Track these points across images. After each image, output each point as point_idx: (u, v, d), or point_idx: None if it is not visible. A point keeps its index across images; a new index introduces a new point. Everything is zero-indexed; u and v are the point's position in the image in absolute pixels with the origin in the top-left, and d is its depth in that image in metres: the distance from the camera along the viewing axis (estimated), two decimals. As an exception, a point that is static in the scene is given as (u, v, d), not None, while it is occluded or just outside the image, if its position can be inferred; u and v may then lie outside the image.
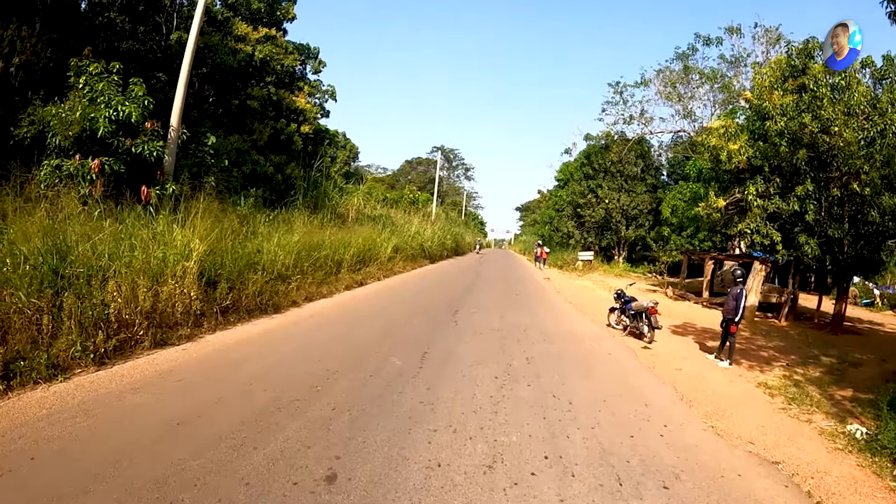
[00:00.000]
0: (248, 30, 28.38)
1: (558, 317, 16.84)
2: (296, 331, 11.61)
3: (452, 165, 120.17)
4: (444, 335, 12.23)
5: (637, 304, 14.55)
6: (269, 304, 13.20)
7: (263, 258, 14.57)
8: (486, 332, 12.97)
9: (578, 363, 10.68)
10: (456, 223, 68.44)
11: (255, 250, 14.61)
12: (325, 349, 10.09)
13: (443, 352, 10.57)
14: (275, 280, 14.41)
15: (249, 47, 27.81)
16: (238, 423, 6.26)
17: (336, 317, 13.67)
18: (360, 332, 11.81)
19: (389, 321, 13.45)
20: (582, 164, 49.99)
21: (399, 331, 12.32)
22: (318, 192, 27.17)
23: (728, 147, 19.36)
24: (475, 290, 21.90)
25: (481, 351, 10.92)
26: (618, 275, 39.45)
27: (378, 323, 13.11)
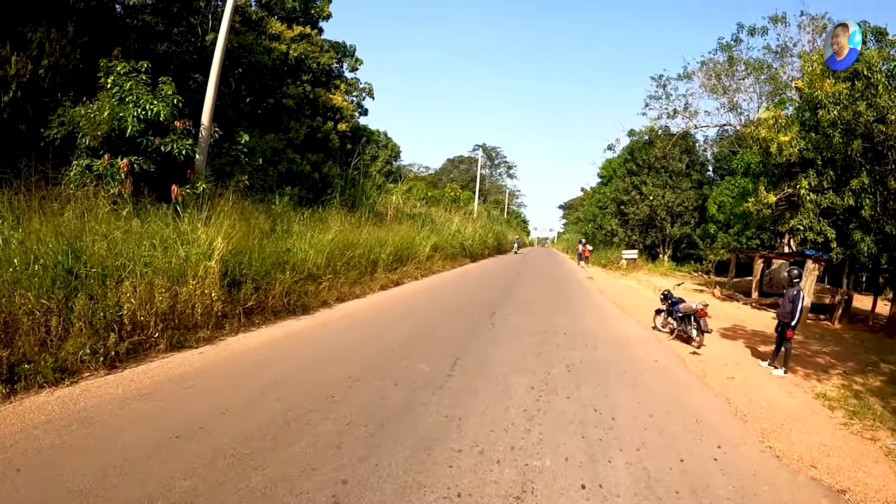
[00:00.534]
0: (283, 28, 28.02)
1: (602, 319, 16.03)
2: (322, 333, 11.10)
3: (494, 164, 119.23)
4: (479, 339, 11.55)
5: (685, 305, 13.61)
6: (297, 305, 12.79)
7: (293, 257, 14.12)
8: (525, 336, 12.25)
9: (623, 372, 9.87)
10: (498, 221, 67.71)
11: (284, 249, 14.14)
12: (350, 353, 9.54)
13: (476, 358, 9.89)
14: (305, 280, 13.95)
15: (284, 46, 27.43)
16: (241, 437, 5.73)
17: (366, 318, 13.13)
18: (390, 335, 11.24)
19: (422, 323, 12.89)
20: (625, 161, 48.63)
21: (432, 334, 11.73)
22: (356, 190, 26.70)
23: (778, 139, 18.32)
24: (515, 290, 21.19)
25: (518, 357, 10.21)
26: (663, 274, 38.24)
27: (410, 325, 12.54)
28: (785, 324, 11.22)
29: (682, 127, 39.58)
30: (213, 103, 15.97)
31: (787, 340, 11.21)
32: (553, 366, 9.81)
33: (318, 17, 30.14)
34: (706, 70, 36.65)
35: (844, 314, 20.03)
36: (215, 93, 16.05)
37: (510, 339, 11.72)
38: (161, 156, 14.00)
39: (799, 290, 11.29)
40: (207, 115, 15.81)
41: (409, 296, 17.40)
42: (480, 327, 12.83)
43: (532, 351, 10.81)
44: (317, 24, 30.95)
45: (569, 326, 13.84)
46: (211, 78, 16.03)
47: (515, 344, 11.33)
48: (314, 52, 28.42)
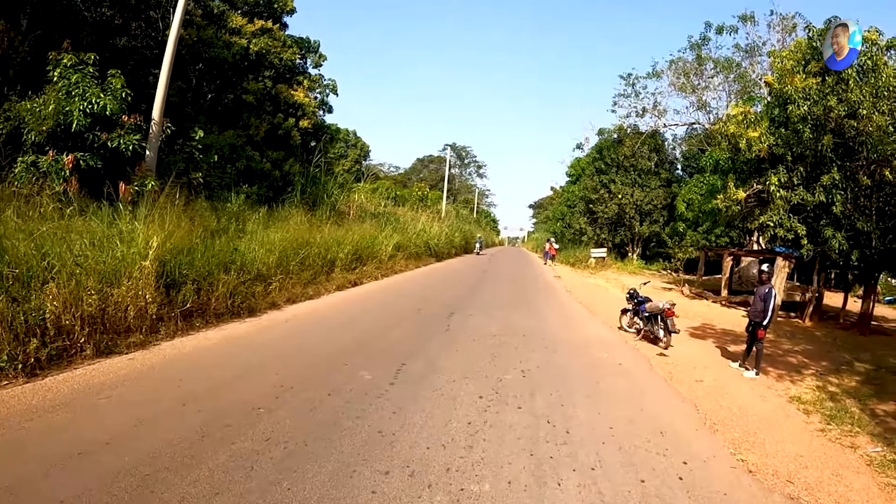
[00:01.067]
0: (243, 22, 27.10)
1: (566, 319, 15.34)
2: (263, 338, 10.18)
3: (464, 163, 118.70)
4: (432, 343, 10.72)
5: (652, 305, 12.97)
6: (242, 307, 11.90)
7: (241, 257, 13.30)
8: (482, 338, 11.47)
9: (583, 377, 9.13)
10: (466, 221, 66.85)
11: (231, 249, 13.29)
12: (287, 360, 8.67)
13: (424, 363, 9.05)
14: (253, 281, 13.10)
15: (244, 40, 26.52)
16: (149, 454, 4.99)
17: (314, 321, 12.26)
18: (335, 339, 10.39)
19: (374, 326, 12.04)
20: (594, 159, 48.09)
21: (381, 337, 10.90)
22: (318, 188, 25.81)
23: (748, 135, 17.81)
24: (478, 290, 20.43)
25: (470, 362, 9.38)
26: (632, 272, 37.86)
27: (360, 328, 11.68)
28: (756, 323, 10.66)
29: (650, 125, 39.26)
30: (164, 98, 15.53)
31: (758, 340, 10.66)
32: (507, 371, 9.02)
33: (282, 11, 29.22)
34: (675, 69, 36.38)
35: (815, 311, 19.62)
36: (167, 87, 15.62)
37: (465, 342, 10.93)
38: (108, 152, 13.44)
39: (770, 287, 10.76)
40: (158, 110, 15.34)
41: (364, 297, 16.51)
42: (435, 330, 12.02)
43: (487, 354, 10.03)
44: (280, 19, 30.06)
45: (530, 328, 13.10)
46: (162, 72, 15.56)
47: (470, 347, 10.54)
48: (276, 47, 27.54)
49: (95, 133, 13.19)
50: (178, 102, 24.19)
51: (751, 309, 11.07)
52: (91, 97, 13.09)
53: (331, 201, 25.29)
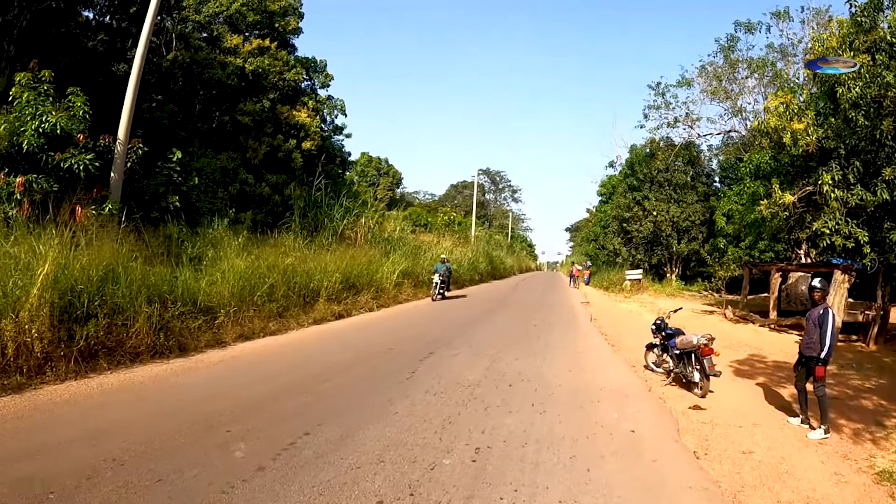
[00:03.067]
0: (238, 41, 25.36)
1: (578, 358, 12.12)
2: (159, 387, 7.94)
3: (499, 188, 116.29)
4: (377, 397, 7.95)
5: (683, 339, 9.68)
6: (170, 345, 9.80)
7: (183, 287, 11.25)
8: (450, 389, 8.56)
9: (570, 461, 5.93)
10: (498, 246, 63.95)
11: (171, 278, 11.30)
12: (171, 418, 6.51)
13: (338, 433, 6.25)
14: (195, 314, 11.03)
15: (240, 60, 24.74)
16: None
17: (251, 363, 9.80)
18: (252, 389, 7.98)
19: (319, 371, 9.41)
20: (626, 175, 44.63)
21: (313, 388, 8.25)
22: (321, 212, 23.54)
23: (791, 127, 14.81)
24: (484, 321, 17.49)
25: (408, 432, 6.48)
26: (670, 294, 34.19)
27: (298, 374, 9.20)
28: (812, 358, 7.58)
29: (683, 137, 35.99)
30: (129, 118, 14.35)
31: (819, 382, 7.49)
32: (453, 450, 6.01)
33: (283, 31, 27.38)
34: (706, 75, 33.28)
35: (881, 333, 16.15)
36: (132, 107, 14.45)
37: (423, 396, 8.07)
38: (64, 173, 12.44)
39: (826, 308, 7.63)
40: (124, 130, 14.17)
41: (336, 333, 13.79)
42: (395, 377, 9.22)
43: (441, 418, 7.10)
44: (286, 41, 28.29)
45: (524, 372, 10.11)
46: (128, 91, 14.49)
47: (425, 405, 7.66)
48: (276, 67, 25.59)
49: (49, 154, 12.27)
50: (170, 125, 22.47)
51: (804, 339, 7.95)
52: (43, 115, 12.19)
53: (332, 226, 22.94)
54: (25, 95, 12.31)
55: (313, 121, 26.00)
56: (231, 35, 25.80)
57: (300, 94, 27.34)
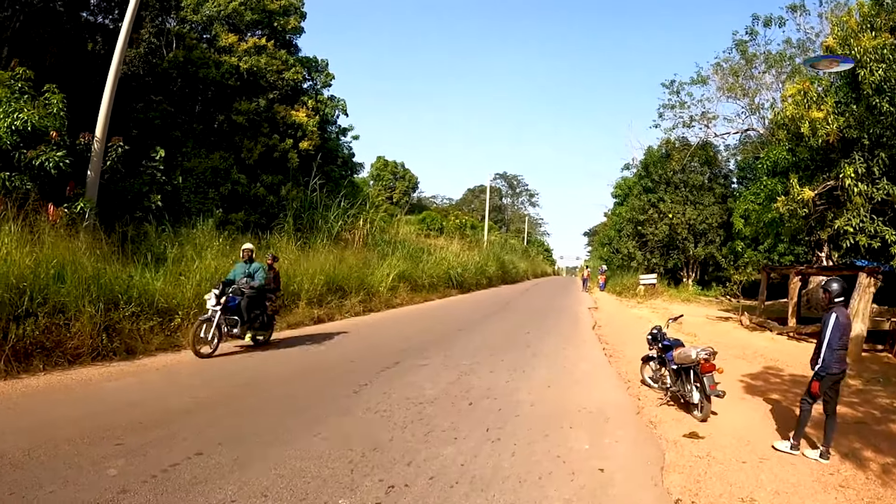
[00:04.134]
0: (234, 39, 24.48)
1: (564, 372, 10.76)
2: (95, 389, 7.51)
3: (516, 192, 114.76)
4: (306, 413, 6.85)
5: (681, 353, 8.27)
6: (117, 347, 9.27)
7: (140, 287, 10.70)
8: (397, 407, 7.35)
9: None
10: (513, 250, 62.59)
11: (125, 276, 10.75)
12: (71, 426, 5.90)
13: (235, 455, 5.25)
14: (150, 315, 10.42)
15: (235, 59, 23.88)
16: None
17: (193, 371, 8.98)
18: (179, 399, 7.21)
19: (258, 381, 8.46)
20: (640, 177, 42.96)
21: (241, 400, 7.33)
22: (316, 214, 22.58)
23: (810, 116, 13.47)
24: (474, 327, 16.21)
25: (317, 459, 5.34)
26: (685, 300, 32.45)
27: (235, 384, 8.31)
28: (820, 374, 6.39)
29: (700, 136, 34.51)
30: (107, 113, 13.93)
31: (805, 398, 6.52)
32: (360, 486, 4.79)
33: (283, 30, 26.47)
34: (721, 72, 31.83)
35: (910, 342, 14.72)
36: (110, 104, 14.03)
37: (361, 414, 6.97)
38: (37, 171, 12.09)
39: (833, 313, 6.44)
40: (101, 127, 13.76)
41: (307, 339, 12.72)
42: (341, 389, 8.16)
43: (368, 442, 5.90)
44: (287, 40, 27.41)
45: (494, 387, 8.83)
46: (106, 88, 14.14)
47: (358, 425, 6.55)
48: (274, 66, 24.64)
49: (22, 151, 11.90)
50: (163, 125, 21.66)
51: None
52: (15, 113, 11.86)
53: (327, 227, 21.94)
54: (2, 93, 12.05)
55: (311, 120, 24.92)
56: (227, 34, 24.90)
57: (300, 94, 26.38)
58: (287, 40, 27.60)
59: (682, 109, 34.25)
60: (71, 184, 12.64)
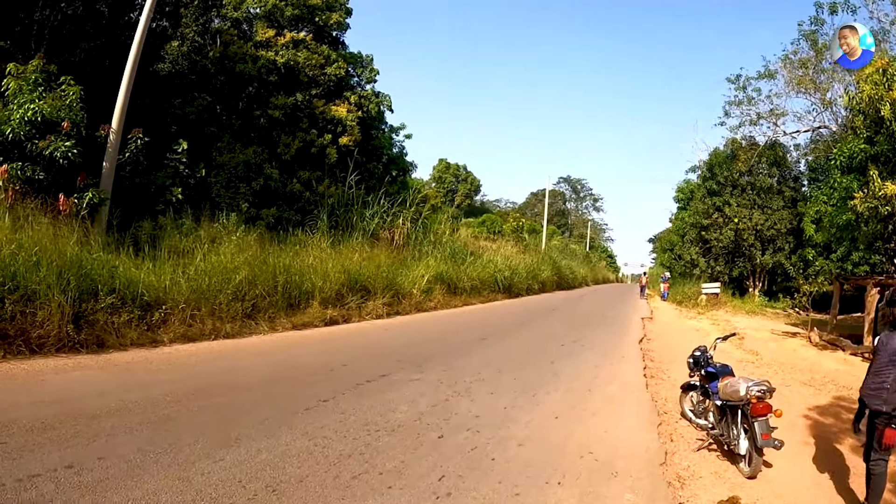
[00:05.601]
0: (271, 34, 23.79)
1: (586, 396, 8.77)
2: (35, 382, 6.77)
3: (580, 196, 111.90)
4: (216, 436, 5.48)
5: (728, 386, 6.33)
6: (81, 339, 8.49)
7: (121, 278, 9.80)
8: (341, 436, 5.81)
9: None
10: (573, 255, 60.36)
11: (109, 266, 9.90)
12: None
13: (93, 477, 4.08)
14: (132, 308, 9.56)
15: (272, 53, 23.22)
16: None
17: (151, 370, 8.01)
18: (104, 401, 6.23)
19: (205, 390, 7.14)
20: (704, 179, 40.05)
21: (160, 413, 5.96)
22: (354, 211, 21.52)
23: (892, 97, 11.44)
24: (501, 336, 14.45)
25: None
26: (750, 312, 29.72)
27: (178, 389, 6.90)
28: (879, 413, 4.73)
29: (768, 135, 31.91)
30: (124, 104, 13.55)
31: (883, 452, 4.71)
32: None
33: (325, 25, 25.56)
34: (790, 65, 29.22)
35: None
36: (127, 95, 13.64)
37: (287, 442, 5.49)
38: (49, 161, 12.00)
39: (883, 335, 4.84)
40: (117, 118, 13.40)
41: (303, 342, 11.55)
42: (293, 406, 6.73)
43: (260, 484, 4.51)
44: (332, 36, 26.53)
45: (484, 415, 7.07)
46: (123, 79, 13.74)
47: (270, 457, 5.05)
48: (313, 61, 23.75)
49: (34, 142, 11.86)
50: (198, 120, 21.14)
51: (868, 380, 5.02)
52: (25, 104, 11.87)
53: (363, 226, 20.81)
54: (13, 85, 12.05)
55: (351, 115, 23.89)
56: (264, 28, 24.24)
57: (343, 90, 25.42)
58: (333, 37, 26.73)
59: (748, 106, 31.78)
60: (82, 174, 12.32)
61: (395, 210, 22.88)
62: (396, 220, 22.74)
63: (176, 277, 10.78)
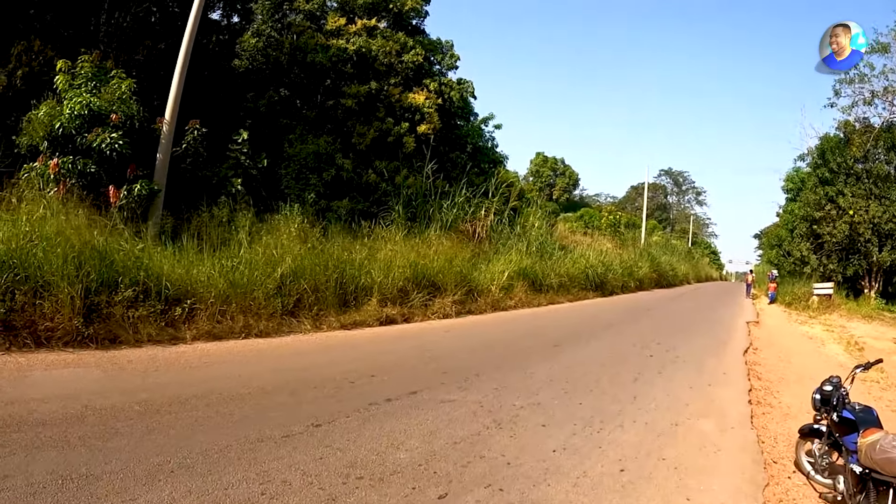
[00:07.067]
0: (342, 22, 22.96)
1: (669, 436, 6.36)
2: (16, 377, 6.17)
3: (682, 190, 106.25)
4: (157, 463, 4.07)
5: (877, 446, 4.10)
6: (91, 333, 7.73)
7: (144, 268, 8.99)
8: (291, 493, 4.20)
9: None
10: (674, 252, 56.64)
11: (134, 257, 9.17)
12: None
13: None
14: (153, 301, 8.66)
15: (343, 41, 22.32)
16: None
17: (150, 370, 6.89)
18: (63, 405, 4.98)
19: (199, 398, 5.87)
20: (816, 166, 35.19)
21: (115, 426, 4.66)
22: (434, 202, 20.06)
23: None
24: (581, 344, 12.09)
25: None
26: (866, 316, 25.26)
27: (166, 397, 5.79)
28: None
29: (884, 116, 28.00)
30: (177, 95, 13.38)
31: None
32: None
33: (399, 11, 24.30)
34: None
35: None
36: (180, 86, 13.45)
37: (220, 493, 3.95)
38: (97, 154, 11.84)
39: None
40: (170, 109, 13.25)
41: (345, 343, 10.07)
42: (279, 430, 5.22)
43: None
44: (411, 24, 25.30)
45: (513, 465, 5.04)
46: (176, 69, 13.55)
47: None
48: (387, 47, 22.56)
49: (84, 135, 11.78)
50: (269, 113, 20.61)
51: None
52: (74, 97, 11.81)
53: (440, 217, 19.34)
54: (61, 80, 12.05)
55: (429, 101, 22.38)
56: (335, 17, 23.40)
57: (422, 77, 24.09)
58: (413, 25, 25.49)
59: (861, 84, 28.06)
60: (132, 166, 12.12)
61: (476, 201, 21.24)
62: (479, 212, 21.13)
63: (209, 270, 9.76)
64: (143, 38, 17.02)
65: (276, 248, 11.25)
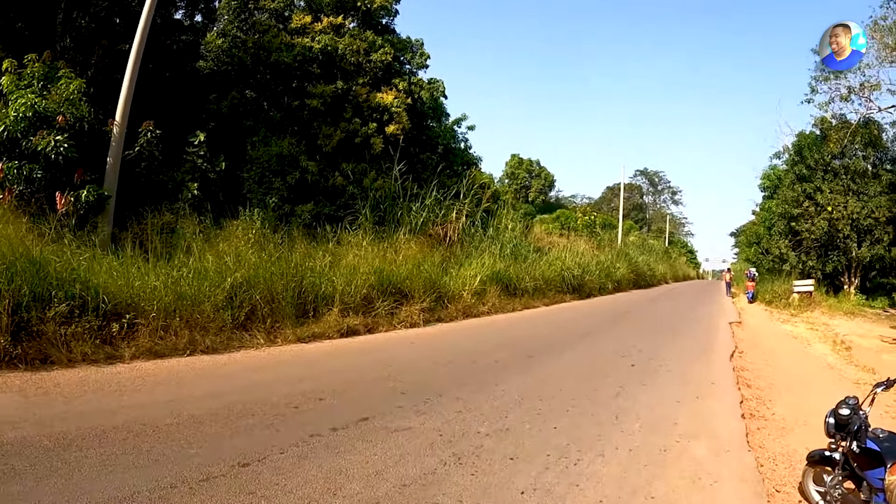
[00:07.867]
0: (307, 20, 22.30)
1: (657, 466, 5.58)
2: None
3: (657, 189, 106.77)
4: None
5: None
6: (18, 353, 7.12)
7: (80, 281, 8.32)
8: None
9: None
10: (651, 251, 56.63)
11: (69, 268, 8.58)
12: None
13: None
14: (89, 317, 7.99)
15: (308, 39, 21.62)
16: None
17: (75, 396, 6.03)
18: None
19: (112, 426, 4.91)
20: (793, 163, 35.30)
21: None
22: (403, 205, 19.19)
23: None
24: (557, 353, 11.45)
25: None
26: (848, 312, 25.49)
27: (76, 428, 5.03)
28: None
29: (860, 112, 28.03)
30: (127, 97, 12.85)
31: None
32: None
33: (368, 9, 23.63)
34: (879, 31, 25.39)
35: None
36: (131, 87, 12.92)
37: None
38: (44, 158, 11.37)
39: None
40: (120, 112, 12.71)
41: (296, 360, 9.31)
42: (202, 471, 4.38)
43: None
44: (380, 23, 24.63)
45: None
46: (127, 70, 13.10)
47: None
48: (354, 46, 21.88)
49: (29, 139, 11.36)
50: (232, 115, 19.88)
51: None
52: (20, 98, 11.40)
53: (410, 220, 18.54)
54: (5, 80, 11.67)
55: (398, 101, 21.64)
56: (300, 14, 22.73)
57: (391, 77, 23.49)
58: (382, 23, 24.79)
59: (837, 80, 28.16)
60: (79, 170, 11.63)
61: (448, 203, 20.63)
62: (450, 214, 20.52)
63: (153, 281, 9.00)
64: (100, 37, 16.28)
65: (229, 255, 10.57)
